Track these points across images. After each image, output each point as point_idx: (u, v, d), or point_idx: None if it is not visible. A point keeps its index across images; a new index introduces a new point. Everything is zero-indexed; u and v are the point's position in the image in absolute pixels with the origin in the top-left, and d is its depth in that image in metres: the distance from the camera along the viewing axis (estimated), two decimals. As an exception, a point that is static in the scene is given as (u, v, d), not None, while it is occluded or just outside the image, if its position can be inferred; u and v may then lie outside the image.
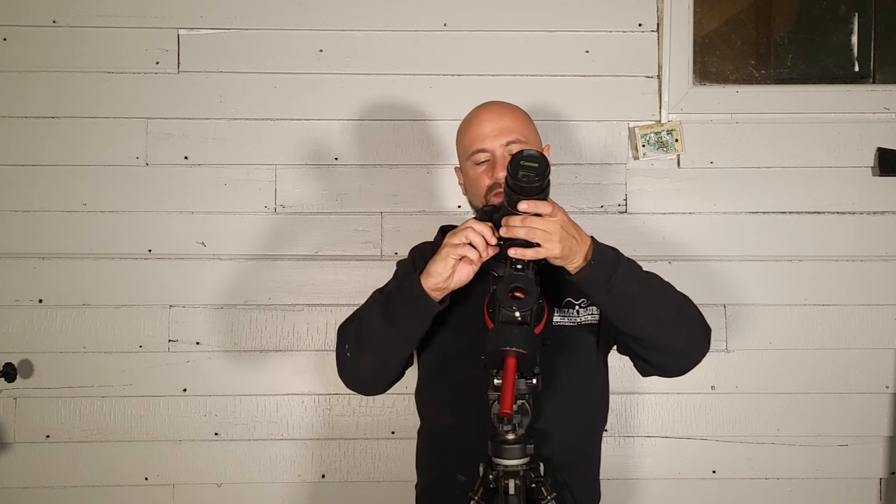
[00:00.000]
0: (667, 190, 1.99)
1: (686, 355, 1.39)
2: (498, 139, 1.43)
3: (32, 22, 1.96)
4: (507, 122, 1.45)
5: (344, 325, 1.44)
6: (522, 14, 1.98)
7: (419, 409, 1.55)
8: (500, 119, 1.45)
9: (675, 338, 1.35)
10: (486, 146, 1.43)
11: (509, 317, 1.14)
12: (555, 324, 1.43)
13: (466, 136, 1.48)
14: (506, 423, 1.19)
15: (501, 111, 1.47)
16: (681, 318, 1.35)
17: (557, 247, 1.20)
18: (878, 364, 1.98)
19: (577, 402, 1.44)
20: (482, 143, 1.43)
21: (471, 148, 1.45)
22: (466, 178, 1.50)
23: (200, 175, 1.97)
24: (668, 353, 1.37)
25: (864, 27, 2.09)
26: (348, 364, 1.41)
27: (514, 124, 1.45)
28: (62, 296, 1.95)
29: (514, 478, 1.19)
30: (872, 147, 1.98)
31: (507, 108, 1.49)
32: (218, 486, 1.98)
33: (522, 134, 1.45)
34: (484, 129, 1.44)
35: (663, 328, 1.32)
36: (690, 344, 1.37)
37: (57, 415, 1.95)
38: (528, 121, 1.50)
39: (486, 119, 1.46)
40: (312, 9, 1.98)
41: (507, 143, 1.42)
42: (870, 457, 1.98)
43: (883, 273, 1.98)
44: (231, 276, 1.97)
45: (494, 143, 1.43)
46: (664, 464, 2.00)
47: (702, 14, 2.04)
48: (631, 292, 1.28)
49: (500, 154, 1.42)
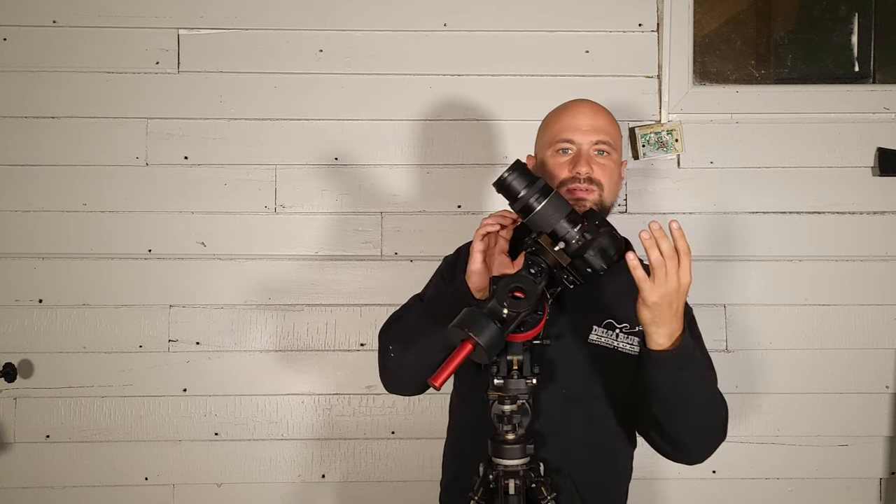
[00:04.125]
0: (667, 190, 1.99)
1: (693, 459, 1.40)
2: (588, 135, 1.40)
3: (32, 22, 1.96)
4: (602, 123, 1.42)
5: (385, 329, 1.44)
6: (522, 14, 1.98)
7: (450, 407, 1.55)
8: (595, 117, 1.43)
9: (696, 444, 1.36)
10: (576, 139, 1.41)
11: (495, 309, 1.12)
12: (590, 341, 1.40)
13: (557, 123, 1.45)
14: (506, 423, 1.18)
15: (598, 110, 1.45)
16: (713, 430, 1.36)
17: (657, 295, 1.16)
18: (878, 364, 1.98)
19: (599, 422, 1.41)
20: (573, 134, 1.41)
21: (559, 136, 1.42)
22: (544, 167, 1.45)
23: (200, 175, 1.97)
24: (686, 450, 1.38)
25: (864, 27, 2.09)
26: (391, 365, 1.41)
27: (608, 127, 1.43)
28: (62, 296, 1.95)
29: (514, 478, 1.19)
30: (872, 147, 1.98)
31: (603, 110, 1.47)
32: (218, 486, 1.98)
33: (612, 138, 1.43)
34: (577, 120, 1.42)
35: (693, 433, 1.34)
36: (705, 453, 1.39)
37: (57, 415, 1.95)
38: (619, 130, 1.48)
39: (581, 112, 1.43)
40: (312, 9, 1.98)
41: (597, 141, 1.40)
42: (870, 457, 1.98)
43: (883, 273, 1.98)
44: (231, 276, 1.97)
45: (584, 139, 1.40)
46: (664, 464, 1.98)
47: (702, 14, 2.04)
48: (688, 382, 1.26)
49: (586, 150, 1.40)
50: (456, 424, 1.53)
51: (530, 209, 1.20)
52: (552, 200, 1.20)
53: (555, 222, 1.19)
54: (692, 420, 1.31)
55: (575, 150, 1.41)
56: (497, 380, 1.19)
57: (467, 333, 1.09)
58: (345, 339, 1.98)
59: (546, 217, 1.20)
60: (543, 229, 1.20)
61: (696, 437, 1.35)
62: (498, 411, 1.19)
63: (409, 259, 1.97)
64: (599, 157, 1.41)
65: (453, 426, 1.54)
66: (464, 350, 1.10)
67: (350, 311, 1.98)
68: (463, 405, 1.50)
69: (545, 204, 1.20)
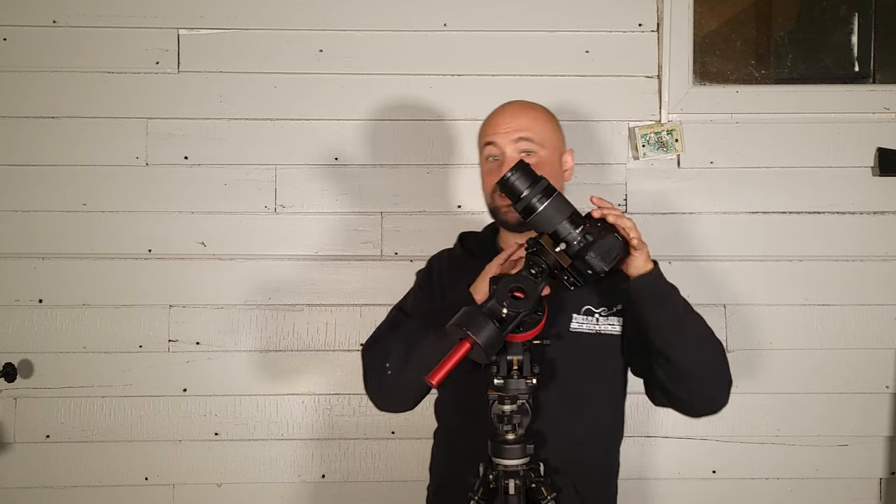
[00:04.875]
0: (667, 190, 1.99)
1: (709, 394, 1.38)
2: (509, 136, 1.40)
3: (32, 22, 1.96)
4: (524, 122, 1.41)
5: (371, 345, 1.43)
6: (522, 14, 1.98)
7: (435, 411, 1.54)
8: (516, 117, 1.42)
9: (707, 371, 1.34)
10: (498, 141, 1.40)
11: (495, 309, 1.12)
12: (572, 330, 1.40)
13: (483, 129, 1.46)
14: (506, 423, 1.18)
15: (522, 110, 1.44)
16: (718, 355, 1.36)
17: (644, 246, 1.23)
18: (878, 364, 1.98)
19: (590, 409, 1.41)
20: (494, 137, 1.41)
21: (483, 140, 1.44)
22: (481, 174, 1.47)
23: (200, 175, 1.97)
24: (696, 382, 1.35)
25: (864, 27, 2.09)
26: (389, 382, 1.38)
27: (530, 124, 1.41)
28: (62, 296, 1.95)
29: (514, 478, 1.19)
30: (872, 147, 1.98)
31: (528, 108, 1.45)
32: (218, 486, 1.98)
33: (537, 135, 1.41)
34: (498, 123, 1.42)
35: (702, 357, 1.33)
36: (717, 384, 1.37)
37: (57, 415, 1.95)
38: (548, 123, 1.45)
39: (502, 113, 1.44)
40: (312, 9, 1.98)
41: (518, 139, 1.39)
42: (870, 457, 1.98)
43: (883, 273, 1.98)
44: (231, 276, 1.97)
45: (505, 140, 1.40)
46: (664, 464, 1.99)
47: (702, 14, 2.03)
48: (680, 311, 1.29)
49: (510, 154, 1.39)
50: (443, 428, 1.53)
51: (532, 209, 1.20)
52: (554, 201, 1.20)
53: (556, 223, 1.19)
54: (693, 344, 1.32)
55: (500, 156, 1.41)
56: (497, 380, 1.19)
57: (466, 332, 1.09)
58: (345, 339, 1.98)
59: (548, 218, 1.20)
60: (545, 230, 1.20)
61: (703, 366, 1.34)
62: (498, 411, 1.19)
63: (409, 259, 1.97)
64: (526, 158, 1.39)
65: (440, 430, 1.53)
66: (462, 349, 1.10)
67: (350, 311, 1.98)
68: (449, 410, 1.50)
69: (547, 205, 1.20)
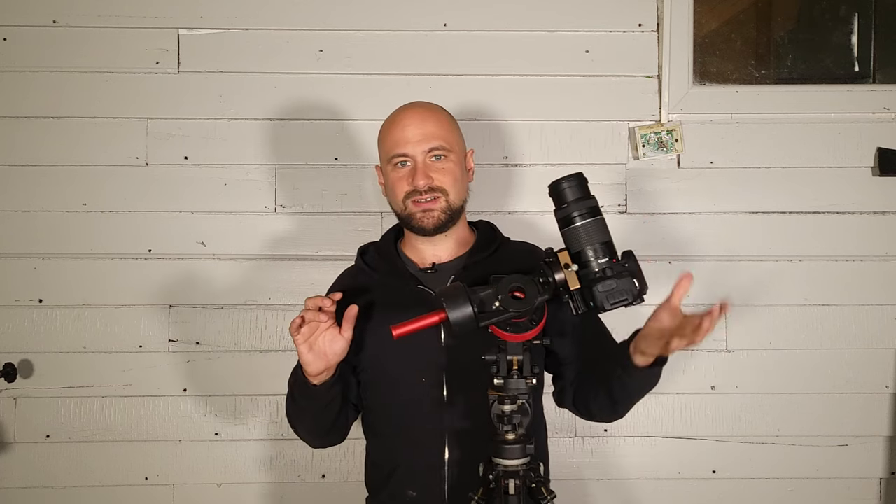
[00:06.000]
0: (667, 190, 1.99)
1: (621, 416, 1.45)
2: (420, 145, 1.40)
3: (32, 22, 1.96)
4: (432, 128, 1.42)
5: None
6: (522, 14, 1.98)
7: (364, 427, 1.55)
8: (423, 124, 1.42)
9: (633, 404, 1.42)
10: (409, 151, 1.41)
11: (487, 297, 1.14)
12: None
13: (389, 139, 1.44)
14: (506, 423, 1.18)
15: (426, 116, 1.44)
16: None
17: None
18: (878, 364, 1.98)
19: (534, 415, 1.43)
20: (404, 147, 1.41)
21: (392, 151, 1.43)
22: (386, 180, 1.48)
23: (200, 175, 1.97)
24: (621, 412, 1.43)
25: (864, 27, 2.09)
26: (301, 437, 1.53)
27: (438, 130, 1.42)
28: (62, 296, 1.95)
29: (514, 478, 1.19)
30: (872, 147, 1.98)
31: (432, 113, 1.45)
32: (218, 486, 1.98)
33: (446, 140, 1.42)
34: (407, 133, 1.41)
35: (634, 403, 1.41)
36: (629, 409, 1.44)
37: (57, 415, 1.96)
38: (453, 126, 1.47)
39: (409, 123, 1.42)
40: (312, 9, 1.98)
41: (430, 149, 1.40)
42: (870, 457, 1.98)
43: (883, 273, 1.98)
44: (231, 276, 1.97)
45: (416, 150, 1.40)
46: (664, 464, 1.99)
47: (702, 14, 2.03)
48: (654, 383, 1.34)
49: (421, 161, 1.40)
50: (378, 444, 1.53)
51: (570, 221, 1.18)
52: (594, 223, 1.18)
53: (586, 244, 1.17)
54: (640, 395, 1.38)
55: (411, 162, 1.41)
56: (497, 380, 1.19)
57: (443, 305, 1.13)
58: (345, 339, 1.97)
59: (581, 236, 1.17)
60: (572, 247, 1.18)
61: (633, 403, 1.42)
62: (498, 411, 1.19)
63: (409, 259, 1.96)
64: (437, 163, 1.40)
65: (374, 446, 1.55)
66: (432, 317, 1.15)
67: (350, 311, 1.97)
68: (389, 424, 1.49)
69: (587, 223, 1.17)
